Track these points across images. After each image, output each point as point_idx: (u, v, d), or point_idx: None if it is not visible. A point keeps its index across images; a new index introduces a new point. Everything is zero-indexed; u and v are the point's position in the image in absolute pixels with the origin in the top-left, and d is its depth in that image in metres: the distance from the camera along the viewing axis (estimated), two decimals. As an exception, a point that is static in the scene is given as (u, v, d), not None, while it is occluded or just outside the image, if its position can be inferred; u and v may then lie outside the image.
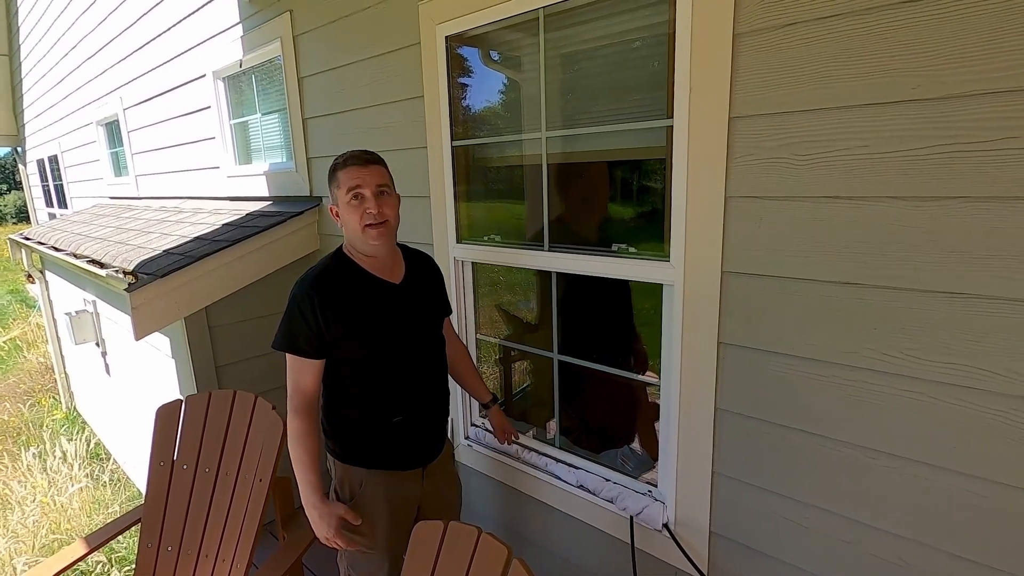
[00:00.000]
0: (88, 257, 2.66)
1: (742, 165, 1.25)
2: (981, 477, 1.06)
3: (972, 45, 0.96)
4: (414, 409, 1.48)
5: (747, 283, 1.29)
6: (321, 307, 1.34)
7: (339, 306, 1.37)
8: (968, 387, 1.05)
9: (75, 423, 4.74)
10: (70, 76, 5.21)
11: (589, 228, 1.76)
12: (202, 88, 3.24)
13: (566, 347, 1.84)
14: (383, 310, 1.43)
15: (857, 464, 1.20)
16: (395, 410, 1.45)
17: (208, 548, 1.82)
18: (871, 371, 1.15)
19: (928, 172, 1.03)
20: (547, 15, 1.58)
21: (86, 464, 3.81)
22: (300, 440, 1.39)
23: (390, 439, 1.46)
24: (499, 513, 2.09)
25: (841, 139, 1.11)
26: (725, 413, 1.39)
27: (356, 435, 1.47)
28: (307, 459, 1.39)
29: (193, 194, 3.67)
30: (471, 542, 1.19)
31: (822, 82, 1.12)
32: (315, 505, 1.40)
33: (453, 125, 1.90)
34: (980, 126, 0.97)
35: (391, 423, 1.45)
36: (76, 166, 5.78)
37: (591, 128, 1.60)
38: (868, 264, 1.12)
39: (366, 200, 1.35)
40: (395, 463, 1.48)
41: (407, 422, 1.47)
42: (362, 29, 2.14)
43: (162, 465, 1.94)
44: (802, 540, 1.32)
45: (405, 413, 1.46)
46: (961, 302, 1.03)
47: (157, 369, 2.69)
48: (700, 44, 1.25)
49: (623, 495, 1.65)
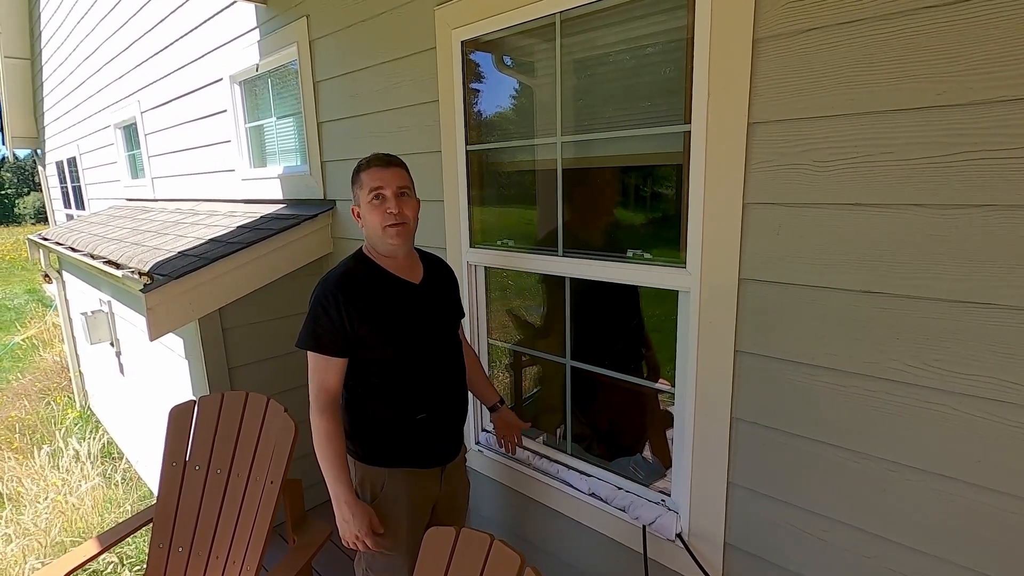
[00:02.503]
0: (104, 258, 2.68)
1: (761, 171, 1.23)
2: (1008, 493, 1.03)
3: (998, 51, 0.94)
4: (437, 407, 1.50)
5: (765, 291, 1.27)
6: (346, 306, 1.36)
7: (364, 305, 1.39)
8: (996, 400, 1.02)
9: (89, 422, 4.79)
10: (89, 80, 5.29)
11: (604, 233, 1.75)
12: (218, 92, 3.27)
13: (578, 353, 1.83)
14: (406, 309, 1.45)
15: (878, 477, 1.18)
16: (419, 407, 1.47)
17: (219, 549, 1.82)
18: (893, 382, 1.13)
19: (953, 179, 1.01)
20: (564, 20, 1.58)
21: (99, 463, 3.85)
22: (329, 439, 1.38)
23: (414, 436, 1.48)
24: (509, 519, 2.08)
25: (863, 146, 1.09)
26: (741, 422, 1.37)
27: (380, 434, 1.47)
28: (337, 458, 1.39)
29: (208, 196, 3.70)
30: (483, 549, 1.17)
31: (844, 88, 1.10)
32: (349, 503, 1.39)
33: (468, 130, 1.90)
34: (1007, 133, 0.95)
35: (415, 420, 1.47)
36: (94, 168, 5.87)
37: (607, 133, 1.59)
38: (890, 273, 1.10)
39: (387, 201, 1.39)
40: (418, 460, 1.50)
41: (430, 419, 1.49)
42: (378, 34, 2.16)
43: (174, 466, 1.95)
44: (820, 554, 1.29)
45: (429, 411, 1.48)
46: (988, 312, 1.01)
47: (170, 370, 2.71)
48: (719, 49, 1.24)
49: (636, 504, 1.63)
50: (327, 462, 1.39)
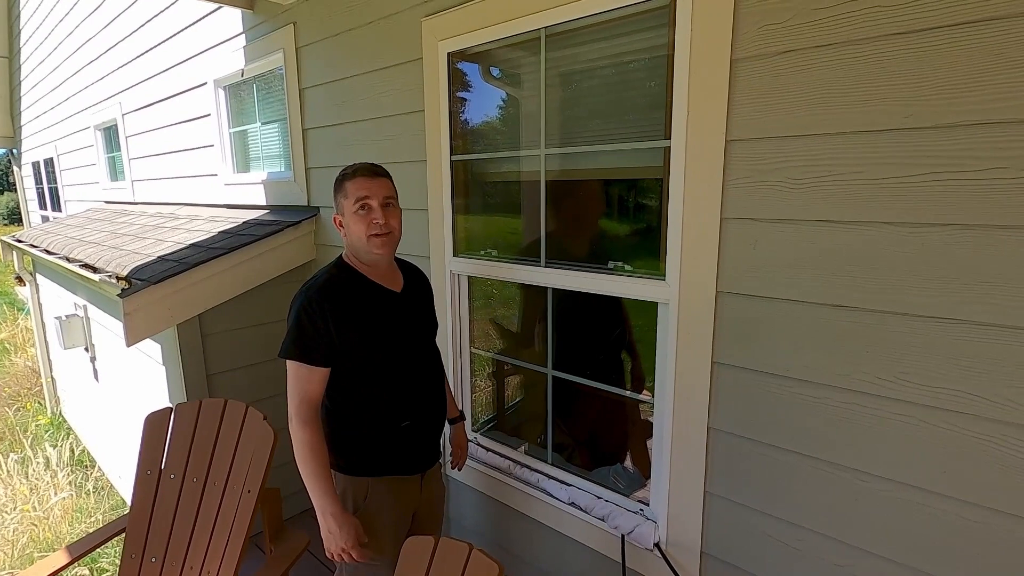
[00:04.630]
0: (81, 261, 2.64)
1: (738, 187, 1.26)
2: (972, 503, 1.07)
3: (964, 77, 0.98)
4: (420, 414, 1.51)
5: (741, 303, 1.30)
6: (332, 314, 1.36)
7: (350, 313, 1.39)
8: (959, 412, 1.06)
9: (60, 429, 4.67)
10: (69, 80, 5.21)
11: (586, 245, 1.77)
12: (202, 96, 3.25)
13: (560, 363, 1.84)
14: (390, 317, 1.46)
15: (850, 487, 1.21)
16: (404, 415, 1.48)
17: (193, 560, 1.79)
18: (864, 394, 1.16)
19: (920, 199, 1.05)
20: (549, 35, 1.61)
21: (70, 471, 3.75)
22: (313, 451, 1.36)
23: (398, 444, 1.49)
24: (489, 529, 2.07)
25: (836, 165, 1.13)
26: (718, 432, 1.39)
27: (364, 443, 1.47)
28: (321, 470, 1.36)
29: (190, 201, 3.66)
30: (462, 558, 1.17)
31: (818, 109, 1.14)
32: (335, 514, 1.36)
33: (453, 140, 1.92)
34: (970, 155, 0.99)
35: (400, 428, 1.47)
36: (72, 169, 5.76)
37: (590, 146, 1.62)
38: (861, 288, 1.13)
39: (373, 211, 1.39)
40: (402, 468, 1.51)
41: (414, 426, 1.50)
42: (365, 43, 2.17)
43: (149, 474, 1.91)
44: (795, 563, 1.31)
45: (413, 418, 1.49)
46: (953, 327, 1.04)
47: (147, 376, 2.66)
48: (698, 67, 1.28)
49: (615, 513, 1.64)
50: (312, 475, 1.36)
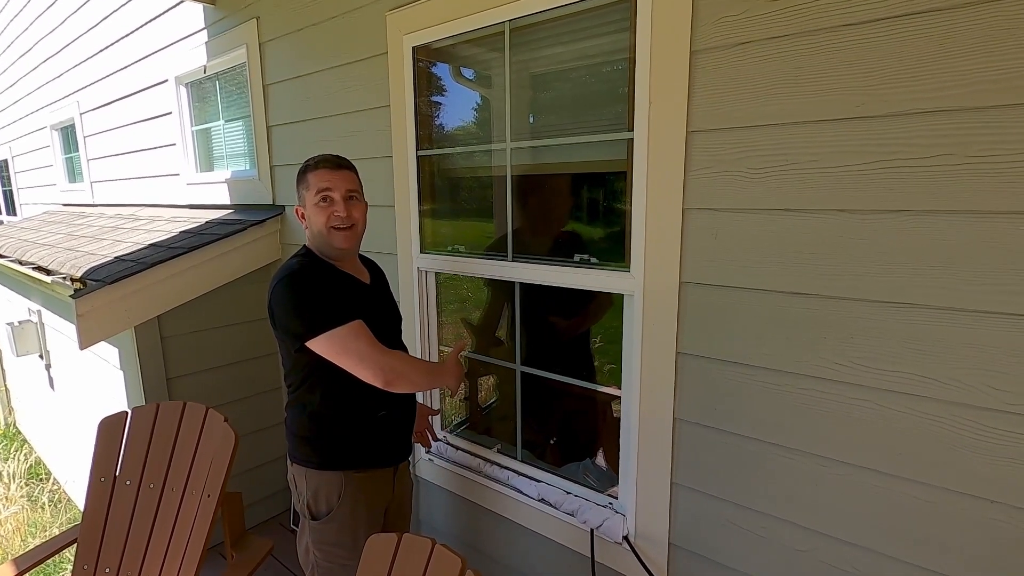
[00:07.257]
0: (34, 264, 2.53)
1: (699, 178, 1.27)
2: (926, 483, 1.09)
3: (910, 66, 1.01)
4: (394, 404, 1.49)
5: (704, 293, 1.31)
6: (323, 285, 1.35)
7: (330, 299, 1.35)
8: (913, 394, 1.08)
9: (14, 440, 4.46)
10: (24, 79, 5.02)
11: (552, 238, 1.77)
12: (164, 93, 3.16)
13: (530, 359, 1.83)
14: (365, 306, 1.43)
15: (811, 472, 1.22)
16: (380, 405, 1.46)
17: (150, 570, 1.72)
18: (821, 379, 1.17)
19: (872, 186, 1.07)
20: (513, 28, 1.60)
21: (23, 484, 3.59)
22: (412, 362, 1.46)
23: (375, 434, 1.47)
24: (459, 528, 2.05)
25: (792, 154, 1.15)
26: (683, 423, 1.40)
27: (342, 435, 1.44)
28: (423, 364, 1.56)
29: (151, 201, 3.56)
30: (424, 554, 1.15)
31: (774, 99, 1.16)
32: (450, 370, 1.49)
33: (419, 134, 1.90)
34: (919, 143, 1.02)
35: (377, 418, 1.46)
36: (27, 171, 5.55)
37: (555, 140, 1.62)
38: (816, 275, 1.15)
39: (335, 203, 1.38)
40: (377, 460, 1.49)
41: (389, 417, 1.49)
42: (330, 38, 2.13)
43: (103, 481, 1.83)
44: (760, 550, 1.32)
45: (388, 408, 1.48)
46: (906, 311, 1.07)
47: (104, 382, 2.56)
48: (659, 59, 1.29)
49: (584, 508, 1.63)
50: (425, 373, 1.46)
